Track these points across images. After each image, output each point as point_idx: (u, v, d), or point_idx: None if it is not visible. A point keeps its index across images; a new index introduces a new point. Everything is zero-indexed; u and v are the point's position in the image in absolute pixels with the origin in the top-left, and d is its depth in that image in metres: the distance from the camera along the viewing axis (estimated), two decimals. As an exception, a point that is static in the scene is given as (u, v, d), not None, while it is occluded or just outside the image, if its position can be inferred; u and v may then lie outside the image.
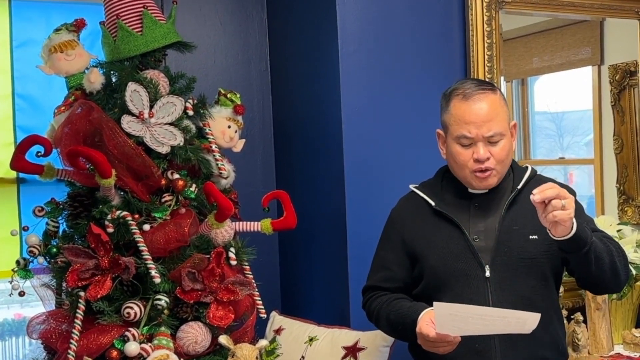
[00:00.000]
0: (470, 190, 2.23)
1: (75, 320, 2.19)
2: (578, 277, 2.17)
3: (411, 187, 2.35)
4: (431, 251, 2.20)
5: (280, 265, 3.40)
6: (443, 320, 1.96)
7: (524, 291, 2.13)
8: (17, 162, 2.35)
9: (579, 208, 2.22)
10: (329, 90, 2.96)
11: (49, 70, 2.45)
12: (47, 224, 2.40)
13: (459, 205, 2.23)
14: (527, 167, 2.30)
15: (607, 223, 3.18)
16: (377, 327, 2.33)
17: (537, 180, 2.26)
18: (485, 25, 3.08)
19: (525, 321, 1.93)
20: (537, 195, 1.94)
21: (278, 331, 2.90)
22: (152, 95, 2.32)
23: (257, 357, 2.28)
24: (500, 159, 2.16)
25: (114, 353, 2.17)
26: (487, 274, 2.13)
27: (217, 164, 2.46)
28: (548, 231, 1.99)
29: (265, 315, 2.49)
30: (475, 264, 2.15)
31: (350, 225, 2.89)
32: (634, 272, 3.05)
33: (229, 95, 2.55)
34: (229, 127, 2.53)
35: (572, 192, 2.27)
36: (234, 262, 2.37)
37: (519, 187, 2.22)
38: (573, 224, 1.97)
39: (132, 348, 2.15)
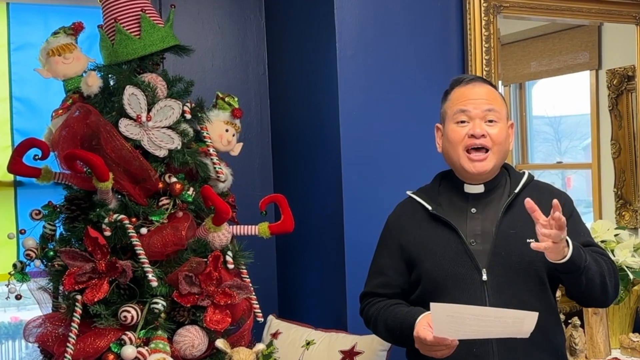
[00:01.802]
0: (466, 190, 2.23)
1: (72, 323, 2.19)
2: (567, 290, 2.19)
3: (408, 193, 2.35)
4: (428, 255, 2.20)
5: (278, 269, 3.40)
6: (440, 322, 1.95)
7: (521, 295, 2.13)
8: (15, 165, 2.35)
9: (576, 217, 2.23)
10: (327, 94, 2.96)
11: (46, 74, 2.45)
12: (44, 227, 2.39)
13: (456, 209, 2.23)
14: (524, 172, 2.30)
15: (605, 227, 3.18)
16: (375, 334, 2.33)
17: (533, 185, 2.26)
18: (483, 30, 3.09)
19: (522, 321, 1.92)
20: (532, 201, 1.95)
21: (275, 335, 2.89)
22: (149, 98, 2.32)
23: (254, 361, 2.28)
24: (496, 140, 2.17)
25: (111, 357, 2.16)
26: (484, 277, 2.13)
27: (214, 168, 2.46)
28: (546, 256, 2.00)
29: (262, 319, 2.49)
30: (472, 268, 2.14)
31: (348, 228, 2.89)
32: (631, 276, 3.05)
33: (226, 99, 2.55)
34: (227, 130, 2.53)
35: (569, 199, 2.28)
36: (231, 266, 2.36)
37: (516, 191, 2.22)
38: (569, 248, 1.98)
39: (129, 352, 2.15)
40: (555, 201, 1.93)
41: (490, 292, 2.12)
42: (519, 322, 1.93)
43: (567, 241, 1.98)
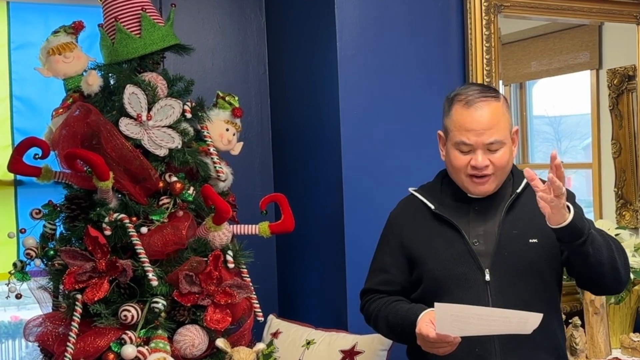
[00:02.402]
0: (469, 194, 2.23)
1: (72, 323, 2.19)
2: (578, 276, 2.15)
3: (410, 190, 2.34)
4: (430, 255, 2.19)
5: (278, 268, 3.40)
6: (443, 320, 1.95)
7: (524, 295, 2.12)
8: (15, 164, 2.35)
9: (578, 211, 2.22)
10: (327, 93, 2.96)
11: (47, 73, 2.45)
12: (44, 226, 2.39)
13: (459, 209, 2.22)
14: (526, 172, 2.29)
15: (605, 227, 3.17)
16: (376, 330, 2.32)
17: (535, 184, 2.26)
18: (484, 29, 3.08)
19: (526, 321, 1.92)
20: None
21: (275, 334, 2.89)
22: (150, 97, 2.32)
23: (254, 361, 2.28)
24: (499, 165, 2.15)
25: (111, 356, 2.16)
26: (487, 277, 2.12)
27: (215, 167, 2.45)
28: (547, 222, 1.96)
29: (262, 319, 2.48)
30: (474, 268, 2.14)
31: (348, 228, 2.89)
32: (632, 276, 3.05)
33: (227, 98, 2.55)
34: (227, 129, 2.53)
35: (571, 194, 2.27)
36: (231, 265, 2.36)
37: (518, 191, 2.21)
38: (570, 212, 1.96)
39: (129, 351, 2.15)
40: (556, 158, 1.93)
41: (493, 293, 2.12)
42: (523, 322, 1.93)
43: (568, 207, 1.96)
